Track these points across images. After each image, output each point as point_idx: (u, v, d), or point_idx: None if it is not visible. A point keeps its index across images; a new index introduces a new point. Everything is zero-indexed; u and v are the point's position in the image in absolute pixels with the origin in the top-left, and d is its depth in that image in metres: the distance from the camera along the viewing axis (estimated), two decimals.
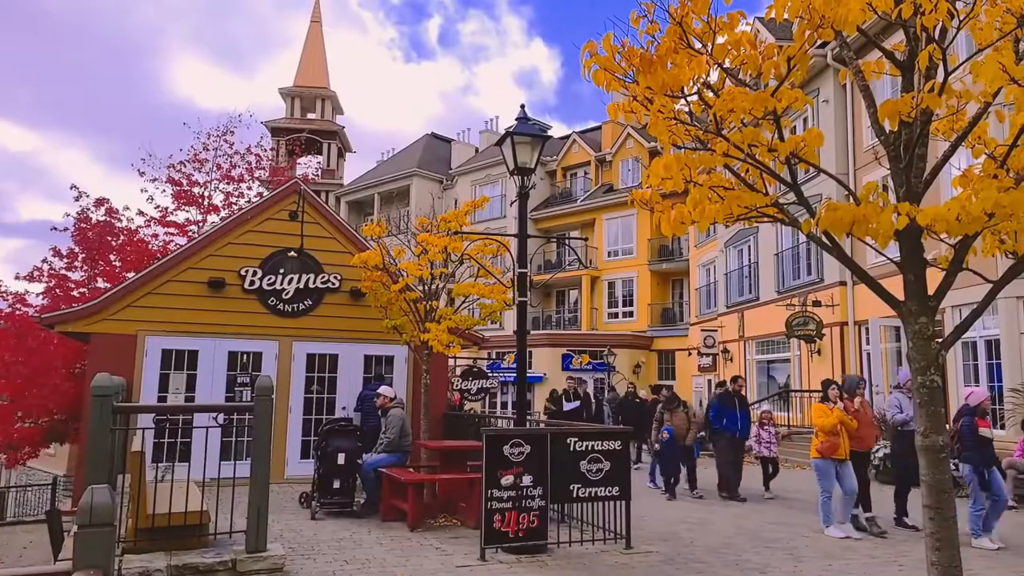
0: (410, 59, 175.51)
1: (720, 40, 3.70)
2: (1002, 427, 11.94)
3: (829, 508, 8.01)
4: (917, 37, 3.62)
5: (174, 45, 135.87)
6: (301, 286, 11.32)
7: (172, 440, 9.99)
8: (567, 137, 36.34)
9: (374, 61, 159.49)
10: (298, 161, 30.92)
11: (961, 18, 3.43)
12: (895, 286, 4.03)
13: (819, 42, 3.67)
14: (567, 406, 14.22)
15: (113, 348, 10.17)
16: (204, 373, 10.74)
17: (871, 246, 3.83)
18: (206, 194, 18.86)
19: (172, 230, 18.16)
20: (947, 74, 3.46)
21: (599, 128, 36.16)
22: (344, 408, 11.18)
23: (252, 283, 11.10)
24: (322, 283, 11.44)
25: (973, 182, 3.49)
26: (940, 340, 4.06)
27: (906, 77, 3.80)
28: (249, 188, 19.57)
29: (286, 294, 11.25)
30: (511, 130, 7.78)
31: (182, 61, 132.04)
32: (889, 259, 4.12)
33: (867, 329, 16.33)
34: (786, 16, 3.52)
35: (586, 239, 31.86)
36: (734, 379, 11.59)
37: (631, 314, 31.11)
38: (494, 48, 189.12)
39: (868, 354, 16.42)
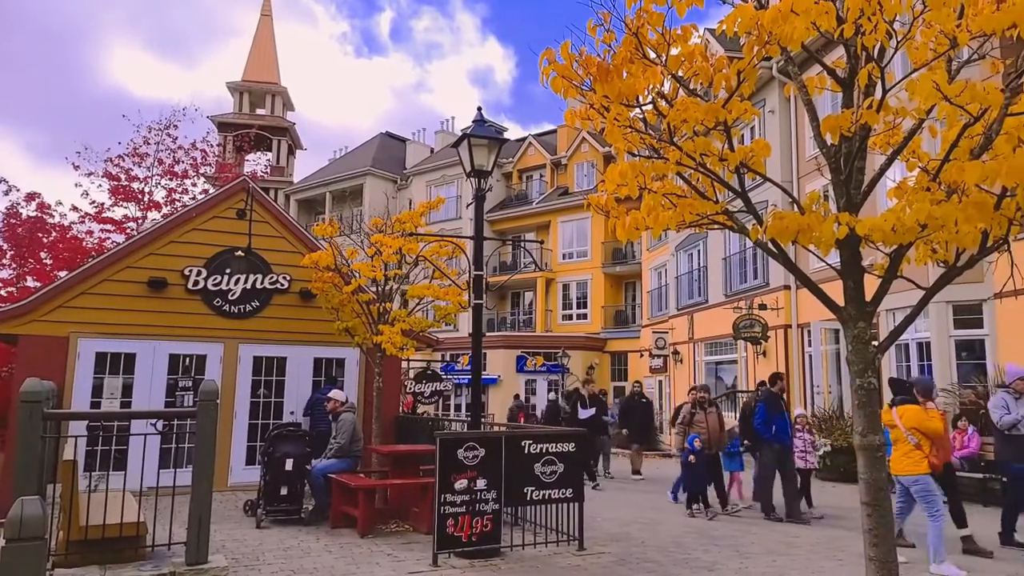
0: (361, 54, 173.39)
1: (674, 52, 3.78)
2: None
3: (942, 538, 6.38)
4: (857, 56, 3.75)
5: (108, 31, 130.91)
6: (248, 287, 11.02)
7: (107, 448, 9.59)
8: (523, 140, 36.45)
9: (325, 55, 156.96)
10: (246, 158, 30.13)
11: (899, 39, 3.55)
12: (835, 290, 4.16)
13: (766, 56, 3.77)
14: (583, 413, 12.84)
15: (43, 351, 9.69)
16: (142, 377, 10.34)
17: (814, 253, 3.94)
18: (146, 190, 18.21)
19: (109, 227, 17.49)
20: (884, 92, 3.59)
21: (555, 131, 36.38)
22: (292, 413, 10.93)
23: (196, 283, 10.75)
24: (270, 284, 11.16)
25: (907, 194, 3.62)
26: (877, 343, 4.21)
27: (846, 93, 3.95)
28: (194, 184, 19.00)
29: (232, 295, 10.93)
30: (468, 132, 7.74)
31: (117, 48, 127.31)
32: (830, 266, 4.25)
33: (809, 332, 16.84)
34: (736, 31, 3.60)
35: (542, 242, 32.02)
36: (776, 378, 9.62)
37: (585, 316, 31.40)
38: (448, 46, 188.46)
39: (810, 356, 16.93)
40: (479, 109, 8.04)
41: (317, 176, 40.92)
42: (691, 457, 9.31)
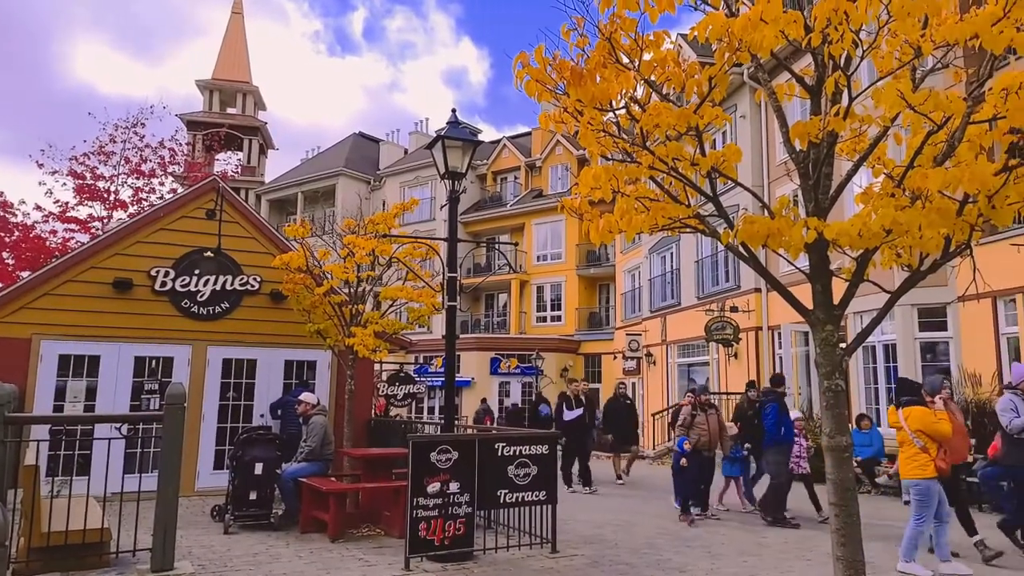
0: (334, 52, 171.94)
1: (647, 57, 3.81)
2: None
3: (918, 540, 6.37)
4: (825, 64, 3.82)
5: (73, 27, 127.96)
6: (218, 288, 10.83)
7: (70, 452, 9.35)
8: (498, 142, 36.47)
9: (297, 53, 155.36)
10: (216, 157, 29.67)
11: (864, 48, 3.63)
12: (805, 294, 4.23)
13: (736, 63, 3.82)
14: (568, 415, 12.02)
15: (4, 353, 9.42)
16: (107, 380, 10.11)
17: (783, 257, 4.01)
18: (112, 189, 17.84)
19: (73, 226, 17.12)
20: (851, 99, 3.66)
21: (529, 134, 36.47)
22: (263, 416, 10.77)
23: (164, 284, 10.55)
24: (240, 285, 10.99)
25: (873, 199, 3.69)
26: (844, 345, 4.29)
27: (814, 100, 4.02)
28: (161, 184, 18.68)
29: (201, 296, 10.74)
30: (442, 134, 7.71)
31: (83, 45, 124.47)
32: (799, 269, 4.32)
33: (780, 334, 17.10)
34: (707, 37, 3.64)
35: (516, 244, 32.06)
36: (780, 379, 9.63)
37: (559, 318, 31.50)
38: (422, 46, 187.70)
39: (781, 358, 17.19)
40: (453, 111, 8.01)
41: (289, 176, 40.48)
42: (683, 461, 9.09)
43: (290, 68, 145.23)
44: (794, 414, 9.85)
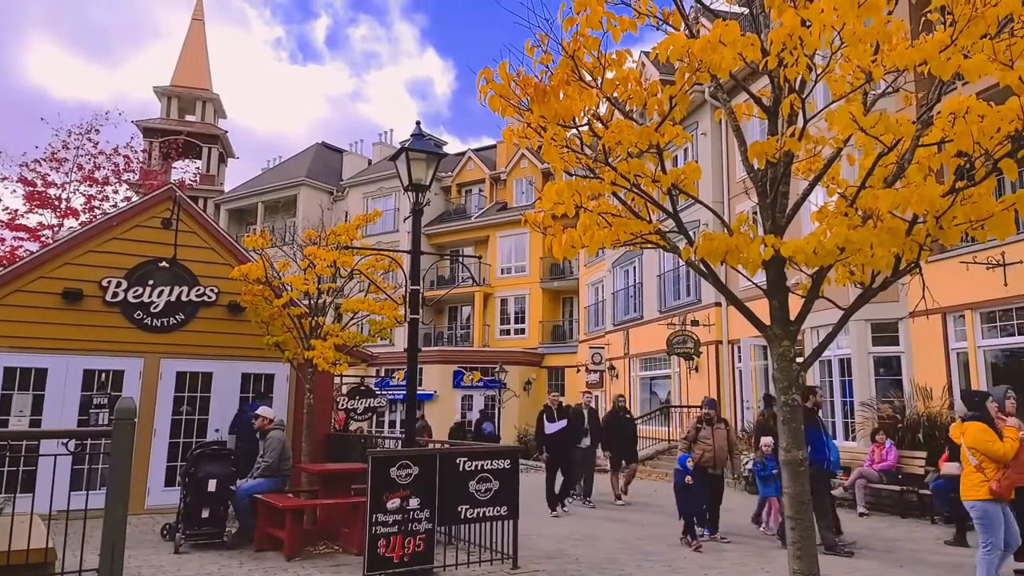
0: (296, 60, 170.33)
1: (609, 75, 3.86)
2: (853, 439, 13.02)
3: (992, 569, 5.62)
4: (781, 86, 3.92)
5: (25, 26, 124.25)
6: (172, 299, 10.55)
7: (14, 469, 8.97)
8: (462, 154, 36.49)
9: (258, 60, 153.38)
10: (174, 165, 29.03)
11: (818, 72, 3.74)
12: (764, 308, 4.31)
13: (697, 83, 3.89)
14: (550, 427, 11.24)
15: None
16: (54, 394, 9.73)
17: (742, 274, 4.07)
18: (64, 196, 17.30)
19: (22, 234, 16.53)
20: (806, 121, 3.76)
21: (494, 147, 36.58)
22: (217, 431, 10.49)
23: (115, 295, 10.23)
24: (197, 296, 10.72)
25: (828, 218, 3.79)
26: (801, 360, 4.38)
27: (771, 121, 4.12)
28: (115, 192, 18.17)
29: (155, 307, 10.45)
30: (406, 146, 7.67)
31: (35, 47, 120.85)
32: (757, 285, 4.40)
33: (739, 348, 17.38)
34: (668, 57, 3.71)
35: (480, 256, 32.03)
36: (809, 392, 8.47)
37: (523, 331, 31.51)
38: (386, 55, 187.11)
39: (740, 371, 17.46)
40: (418, 123, 7.98)
41: (249, 185, 39.80)
42: (687, 479, 8.42)
43: (251, 75, 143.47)
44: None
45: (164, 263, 10.37)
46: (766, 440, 8.88)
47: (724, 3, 5.24)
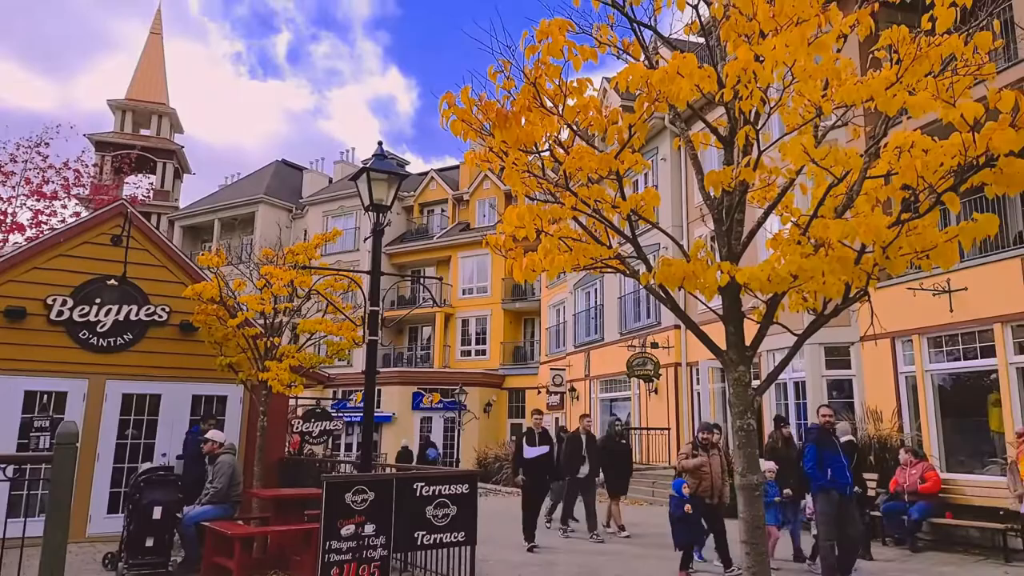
0: (256, 75, 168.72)
1: (571, 102, 3.91)
2: None
3: None
4: (736, 118, 4.02)
5: None
6: (121, 318, 10.20)
7: None
8: (425, 174, 36.48)
9: (217, 74, 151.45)
10: (127, 180, 28.28)
11: (771, 105, 3.85)
12: (721, 331, 4.37)
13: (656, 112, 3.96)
14: (529, 452, 10.15)
15: None
16: None
17: (699, 299, 4.13)
18: (9, 211, 16.68)
19: None
20: (760, 152, 3.86)
21: (457, 167, 36.67)
22: (164, 455, 10.12)
23: (60, 313, 9.84)
24: (146, 315, 10.38)
25: (782, 245, 3.88)
26: (758, 383, 4.44)
27: (727, 151, 4.23)
28: (64, 207, 17.60)
29: (102, 326, 10.08)
30: (368, 165, 7.61)
31: None
32: (712, 311, 4.47)
33: (698, 370, 17.60)
34: (628, 87, 3.77)
35: (441, 278, 31.90)
36: (828, 409, 8.02)
37: (484, 352, 31.38)
38: (348, 73, 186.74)
39: (699, 394, 17.67)
40: (380, 144, 7.94)
41: (206, 202, 39.05)
42: (687, 507, 7.77)
43: (210, 90, 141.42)
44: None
45: (113, 281, 10.05)
46: (769, 465, 8.35)
47: (682, 33, 5.36)
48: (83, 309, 9.97)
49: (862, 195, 3.69)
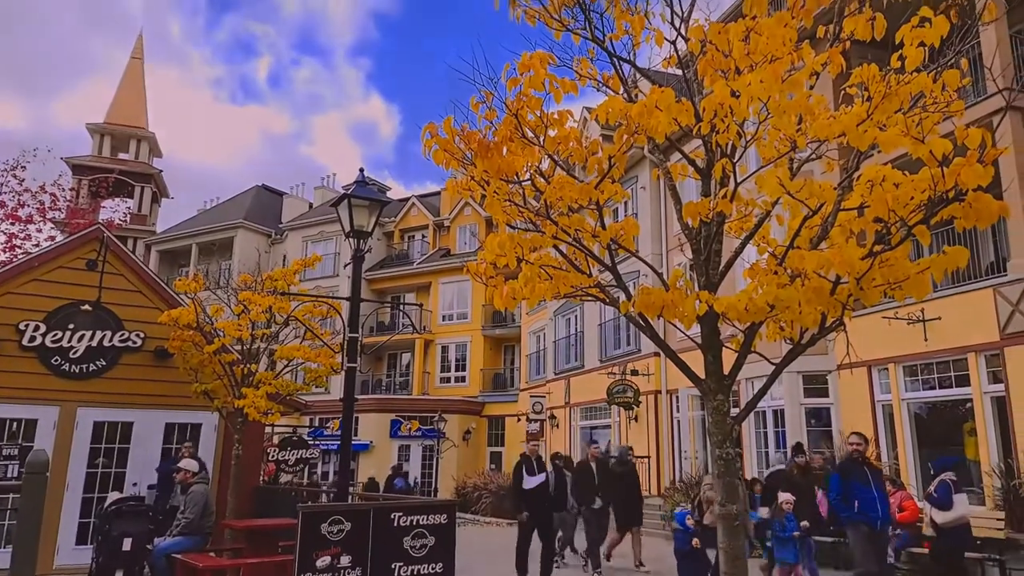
0: (236, 100, 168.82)
1: (552, 133, 3.97)
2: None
3: None
4: (713, 150, 4.10)
5: None
6: (94, 344, 10.01)
7: None
8: (406, 200, 36.54)
9: (198, 98, 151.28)
10: (104, 204, 27.96)
11: (747, 138, 3.94)
12: (700, 359, 4.40)
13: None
14: (530, 481, 9.41)
15: None
16: None
17: (677, 327, 4.17)
18: None
19: None
20: (736, 184, 3.94)
21: (438, 193, 36.80)
22: (135, 485, 9.88)
23: (33, 339, 9.64)
24: (121, 341, 10.20)
25: (759, 275, 3.94)
26: (737, 411, 4.47)
27: (705, 182, 4.31)
28: (39, 230, 17.33)
29: (74, 352, 9.88)
30: (349, 192, 7.62)
31: None
32: (692, 340, 4.51)
33: (678, 398, 17.64)
34: (607, 119, 3.84)
35: (420, 305, 31.78)
36: (856, 438, 7.60)
37: (463, 379, 31.18)
38: (330, 98, 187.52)
39: (678, 421, 17.69)
40: (361, 170, 7.98)
41: (184, 226, 38.72)
42: (695, 542, 7.22)
43: (190, 114, 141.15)
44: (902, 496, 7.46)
45: (86, 306, 9.88)
46: (786, 496, 7.93)
47: (660, 65, 5.48)
48: (56, 335, 9.78)
49: (837, 226, 3.77)
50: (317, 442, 16.34)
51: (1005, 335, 10.24)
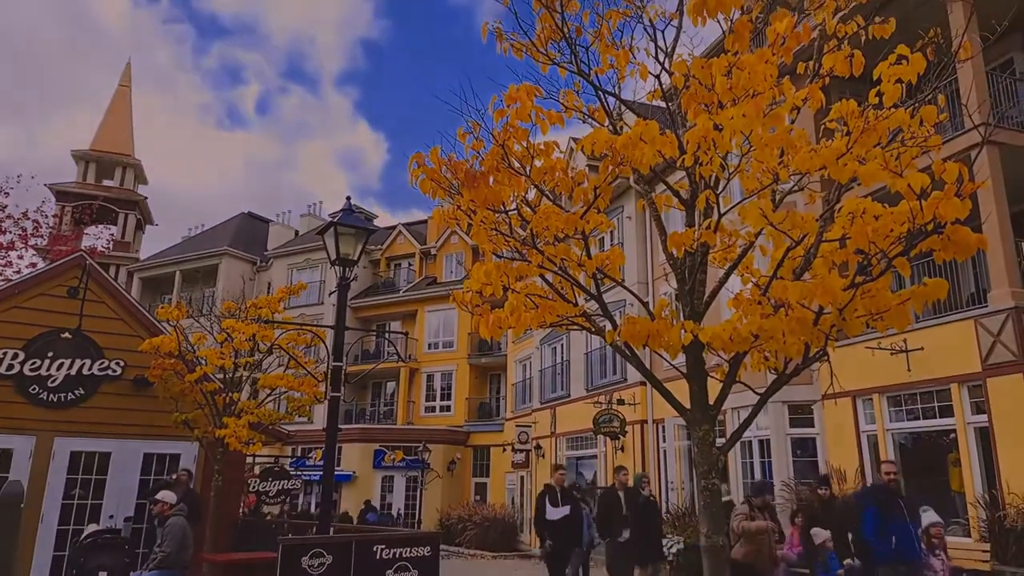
0: (223, 126, 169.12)
1: (538, 163, 4.01)
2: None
3: None
4: (697, 182, 4.17)
5: None
6: (73, 372, 9.84)
7: None
8: (393, 227, 36.57)
9: (184, 124, 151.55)
10: (86, 231, 27.74)
11: (730, 171, 4.00)
12: (686, 388, 4.40)
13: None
14: (552, 513, 9.06)
15: None
16: None
17: (663, 358, 4.18)
18: None
19: None
20: (720, 215, 3.99)
21: (425, 222, 36.86)
22: (112, 517, 9.64)
23: (11, 367, 9.46)
24: (100, 370, 10.04)
25: (743, 305, 3.97)
26: (723, 441, 4.46)
27: (689, 213, 4.36)
28: (20, 257, 17.15)
29: (53, 381, 9.71)
30: (335, 220, 7.62)
31: None
32: (677, 369, 4.51)
33: (664, 427, 17.58)
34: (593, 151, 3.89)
35: (406, 333, 31.62)
36: (888, 466, 7.15)
37: (448, 408, 30.91)
38: (317, 126, 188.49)
39: (665, 451, 17.60)
40: (348, 199, 8.01)
41: (168, 254, 38.43)
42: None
43: (177, 140, 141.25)
44: (928, 518, 7.18)
45: (67, 334, 9.74)
46: (824, 534, 7.58)
47: (645, 98, 5.58)
48: (35, 363, 9.62)
49: (819, 258, 3.81)
50: (299, 472, 16.08)
51: (987, 366, 10.33)
